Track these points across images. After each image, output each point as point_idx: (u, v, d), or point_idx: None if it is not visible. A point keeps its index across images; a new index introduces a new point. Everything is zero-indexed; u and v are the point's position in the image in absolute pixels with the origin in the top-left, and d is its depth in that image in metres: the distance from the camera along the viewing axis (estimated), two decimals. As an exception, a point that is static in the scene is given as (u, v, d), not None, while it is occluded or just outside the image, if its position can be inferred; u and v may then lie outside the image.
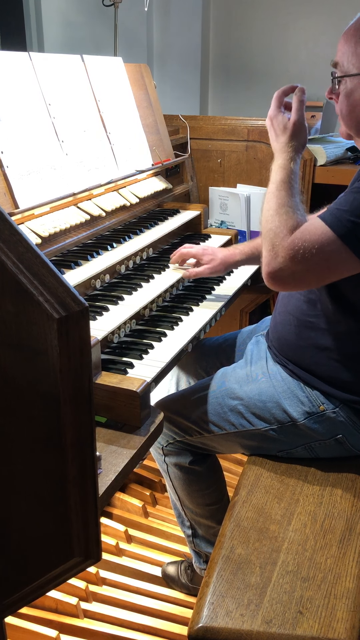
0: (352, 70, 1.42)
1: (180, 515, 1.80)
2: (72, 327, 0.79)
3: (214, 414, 1.62)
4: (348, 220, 1.30)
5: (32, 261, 0.79)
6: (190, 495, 1.72)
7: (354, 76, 1.42)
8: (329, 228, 1.32)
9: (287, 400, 1.54)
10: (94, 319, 1.58)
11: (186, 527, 1.80)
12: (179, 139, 2.67)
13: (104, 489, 1.11)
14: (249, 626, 1.16)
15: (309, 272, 1.35)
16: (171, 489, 1.77)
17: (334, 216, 1.33)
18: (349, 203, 1.32)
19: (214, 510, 1.74)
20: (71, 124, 1.92)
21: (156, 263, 2.00)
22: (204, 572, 1.81)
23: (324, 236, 1.32)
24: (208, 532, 1.77)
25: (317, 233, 1.33)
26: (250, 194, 2.63)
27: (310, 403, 1.52)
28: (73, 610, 1.79)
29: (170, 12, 4.34)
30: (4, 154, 1.63)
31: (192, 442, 1.66)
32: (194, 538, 1.80)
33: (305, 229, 1.36)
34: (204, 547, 1.79)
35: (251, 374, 1.63)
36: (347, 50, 1.42)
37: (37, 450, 0.86)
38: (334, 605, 1.19)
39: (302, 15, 4.11)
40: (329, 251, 1.32)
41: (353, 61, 1.42)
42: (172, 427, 1.66)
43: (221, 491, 1.78)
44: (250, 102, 4.42)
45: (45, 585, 0.98)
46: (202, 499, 1.73)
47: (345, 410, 1.51)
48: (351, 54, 1.42)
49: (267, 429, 1.57)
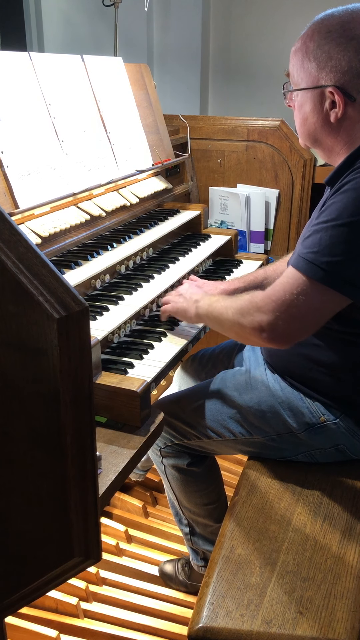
0: (301, 84, 1.43)
1: (178, 514, 1.81)
2: (72, 327, 0.79)
3: (213, 420, 1.60)
4: (322, 262, 1.26)
5: (32, 261, 0.79)
6: (188, 496, 1.72)
7: (302, 90, 1.42)
8: (307, 277, 1.28)
9: (286, 412, 1.52)
10: (94, 319, 1.58)
11: (184, 525, 1.81)
12: (179, 139, 2.67)
13: (104, 489, 1.11)
14: (249, 626, 1.16)
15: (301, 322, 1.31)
16: (169, 489, 1.77)
17: (307, 261, 1.28)
18: (318, 244, 1.28)
19: (211, 509, 1.74)
20: (71, 124, 1.92)
21: (156, 263, 2.00)
22: (202, 569, 1.81)
23: (304, 285, 1.28)
24: (206, 530, 1.77)
25: (296, 284, 1.29)
26: (250, 194, 2.63)
27: (311, 414, 1.50)
28: (73, 610, 1.79)
29: (170, 12, 4.34)
30: (4, 154, 1.63)
31: (191, 445, 1.66)
32: (192, 536, 1.80)
33: (283, 280, 1.32)
34: (201, 545, 1.80)
35: (250, 381, 1.60)
36: (296, 64, 1.42)
37: (37, 450, 0.86)
38: (334, 605, 1.19)
39: (302, 15, 4.10)
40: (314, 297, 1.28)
41: (301, 75, 1.41)
42: (170, 430, 1.65)
43: (219, 490, 1.78)
44: (250, 102, 4.42)
45: (45, 585, 0.98)
46: (200, 499, 1.73)
47: (346, 421, 1.48)
48: (299, 68, 1.41)
49: (266, 438, 1.55)
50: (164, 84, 4.36)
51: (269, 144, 2.59)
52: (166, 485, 1.78)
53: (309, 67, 1.38)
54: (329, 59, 1.34)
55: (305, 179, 2.57)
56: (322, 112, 1.40)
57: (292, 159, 2.57)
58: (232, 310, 1.43)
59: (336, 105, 1.37)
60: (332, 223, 1.26)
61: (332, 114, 1.38)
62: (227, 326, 1.46)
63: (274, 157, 2.60)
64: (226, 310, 1.45)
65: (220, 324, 1.49)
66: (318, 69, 1.37)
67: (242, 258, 2.36)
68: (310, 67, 1.38)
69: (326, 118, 1.40)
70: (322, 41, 1.35)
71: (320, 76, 1.37)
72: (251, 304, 1.36)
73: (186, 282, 1.87)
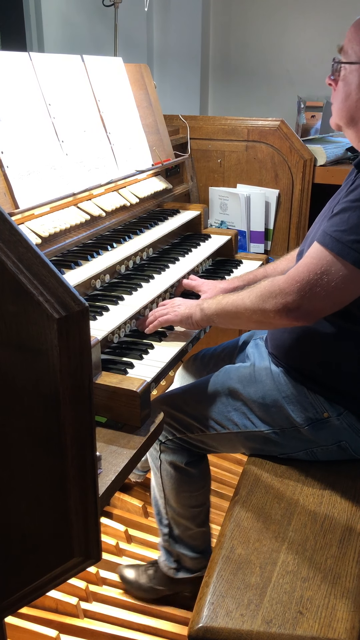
0: (353, 58, 1.41)
1: (160, 512, 1.78)
2: (72, 327, 0.79)
3: (217, 412, 1.61)
4: (349, 240, 1.27)
5: (32, 261, 0.79)
6: (178, 496, 1.71)
7: (355, 64, 1.41)
8: (333, 254, 1.29)
9: (290, 406, 1.53)
10: (94, 319, 1.58)
11: (163, 525, 1.78)
12: (179, 139, 2.67)
13: (104, 489, 1.11)
14: (249, 626, 1.16)
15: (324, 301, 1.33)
16: (158, 485, 1.74)
17: (333, 238, 1.29)
18: (346, 222, 1.29)
19: (196, 513, 1.74)
20: (71, 124, 1.92)
21: (156, 263, 2.00)
22: (172, 572, 1.78)
23: (329, 262, 1.29)
24: (185, 533, 1.76)
25: (320, 263, 1.30)
26: (250, 194, 2.63)
27: (314, 409, 1.51)
28: (73, 610, 1.79)
29: (170, 12, 4.34)
30: (4, 154, 1.63)
31: (192, 439, 1.66)
32: (170, 537, 1.78)
33: (307, 260, 1.33)
34: (177, 547, 1.78)
35: (255, 374, 1.61)
36: (354, 38, 1.41)
37: (37, 450, 0.86)
38: (334, 605, 1.19)
39: (302, 15, 4.10)
40: (338, 275, 1.29)
41: (356, 49, 1.41)
42: (174, 422, 1.65)
43: (206, 495, 1.78)
44: (250, 102, 4.42)
45: (45, 585, 0.98)
46: (189, 500, 1.72)
47: (349, 417, 1.49)
48: (356, 42, 1.40)
49: (270, 431, 1.56)
50: (164, 84, 4.36)
51: (269, 144, 2.59)
52: (156, 482, 1.75)
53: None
54: None
55: (305, 179, 2.57)
56: None
57: (292, 159, 2.57)
58: (250, 299, 1.43)
59: None
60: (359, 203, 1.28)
61: None
62: (246, 316, 1.46)
63: (274, 157, 2.60)
64: (243, 301, 1.46)
65: (237, 316, 1.49)
66: None
67: (242, 258, 2.36)
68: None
69: None
70: None
71: None
72: (273, 287, 1.37)
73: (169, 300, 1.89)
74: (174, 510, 1.74)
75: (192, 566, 1.78)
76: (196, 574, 1.78)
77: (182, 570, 1.79)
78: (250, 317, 1.46)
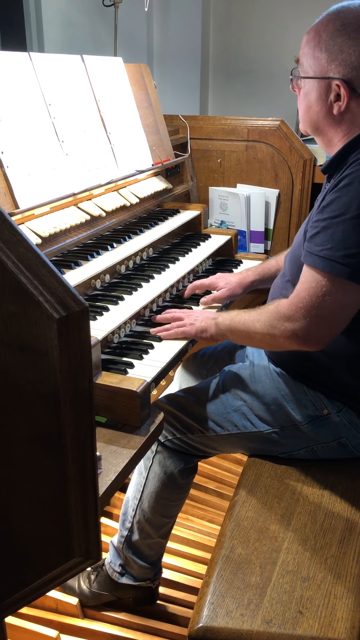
0: (309, 72, 1.44)
1: (126, 513, 1.72)
2: (72, 327, 0.79)
3: (217, 414, 1.61)
4: (339, 257, 1.27)
5: (32, 261, 0.79)
6: (157, 500, 1.66)
7: (310, 78, 1.44)
8: (328, 275, 1.29)
9: (290, 404, 1.54)
10: (94, 319, 1.58)
11: (125, 528, 1.72)
12: (179, 139, 2.67)
13: (104, 489, 1.11)
14: (249, 626, 1.16)
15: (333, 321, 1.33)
16: (138, 485, 1.68)
17: (324, 258, 1.29)
18: (330, 240, 1.29)
19: (164, 523, 1.70)
20: (71, 124, 1.92)
21: (156, 263, 2.00)
22: (117, 575, 1.74)
23: (327, 284, 1.29)
24: (144, 540, 1.70)
25: (319, 285, 1.30)
26: (250, 194, 2.64)
27: (314, 406, 1.52)
28: (73, 610, 1.79)
29: (170, 12, 4.34)
30: (4, 154, 1.63)
31: (192, 440, 1.65)
32: (125, 540, 1.72)
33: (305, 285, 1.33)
34: (130, 553, 1.72)
35: (254, 374, 1.62)
36: (307, 52, 1.43)
37: (37, 450, 0.86)
38: (334, 605, 1.19)
39: (302, 14, 4.10)
40: (339, 294, 1.30)
41: (311, 64, 1.43)
42: (175, 422, 1.64)
43: (179, 509, 1.75)
44: (250, 102, 4.42)
45: (46, 585, 0.98)
46: (164, 509, 1.67)
47: (349, 414, 1.50)
48: (310, 56, 1.43)
49: (270, 431, 1.56)
50: (164, 84, 4.36)
51: (269, 144, 2.59)
52: (137, 481, 1.69)
53: (320, 57, 1.40)
54: (340, 52, 1.36)
55: (305, 178, 2.57)
56: (327, 103, 1.42)
57: (292, 159, 2.57)
58: (260, 323, 1.45)
59: (341, 98, 1.39)
60: (341, 218, 1.28)
61: (336, 106, 1.41)
62: (257, 339, 1.48)
63: (273, 157, 2.60)
64: (253, 324, 1.47)
65: (250, 337, 1.51)
66: (328, 60, 1.38)
67: (242, 258, 2.36)
68: (320, 57, 1.40)
69: (329, 109, 1.42)
70: (336, 33, 1.37)
71: (330, 68, 1.39)
72: (279, 315, 1.38)
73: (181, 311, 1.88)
74: (144, 515, 1.68)
75: (138, 574, 1.73)
76: (139, 582, 1.73)
77: (125, 576, 1.74)
78: (261, 340, 1.47)
